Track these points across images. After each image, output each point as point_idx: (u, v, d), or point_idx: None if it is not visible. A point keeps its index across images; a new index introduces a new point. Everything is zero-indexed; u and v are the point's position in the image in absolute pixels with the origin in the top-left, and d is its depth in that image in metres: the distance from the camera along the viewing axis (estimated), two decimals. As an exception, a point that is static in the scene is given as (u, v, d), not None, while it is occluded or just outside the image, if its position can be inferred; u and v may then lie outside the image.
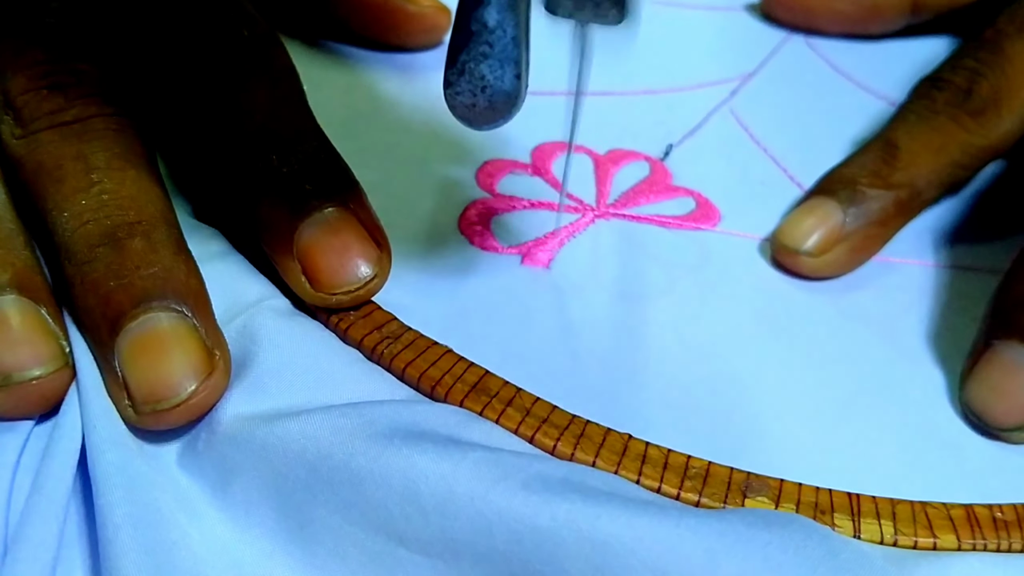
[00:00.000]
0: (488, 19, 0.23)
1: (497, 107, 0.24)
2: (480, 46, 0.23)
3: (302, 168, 0.27)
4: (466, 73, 0.23)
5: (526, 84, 0.24)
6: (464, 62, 0.23)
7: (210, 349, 0.24)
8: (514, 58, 0.23)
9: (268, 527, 0.24)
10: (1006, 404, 0.28)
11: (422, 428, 0.24)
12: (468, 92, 0.23)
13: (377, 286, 0.27)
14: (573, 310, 0.30)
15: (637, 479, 0.24)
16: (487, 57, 0.23)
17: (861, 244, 0.32)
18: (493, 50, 0.23)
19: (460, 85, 0.23)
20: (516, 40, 0.23)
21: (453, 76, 0.23)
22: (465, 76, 0.23)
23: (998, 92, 0.33)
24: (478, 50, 0.23)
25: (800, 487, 0.25)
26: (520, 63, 0.23)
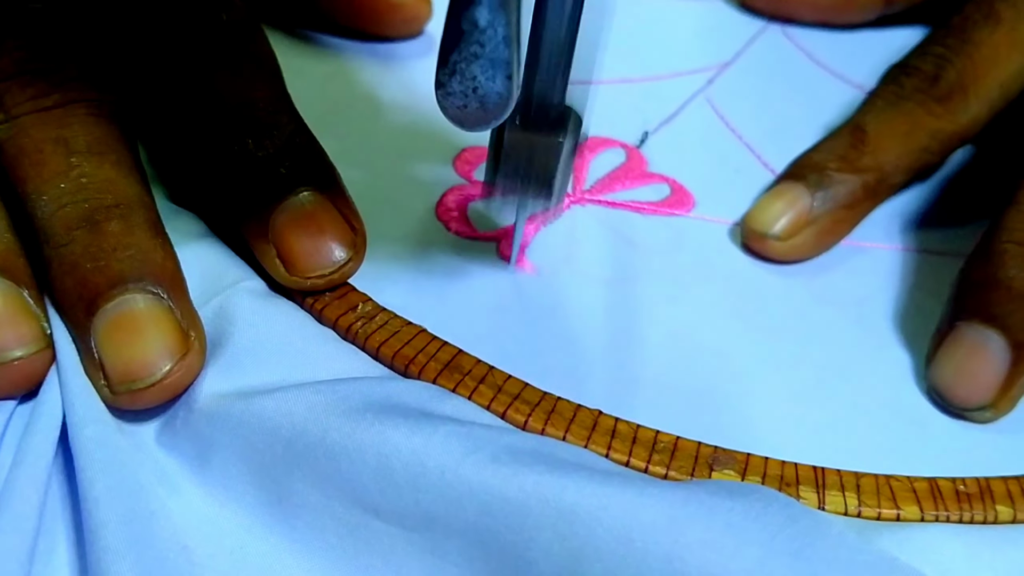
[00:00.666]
0: (479, 19, 0.23)
1: (488, 108, 0.24)
2: (471, 46, 0.23)
3: (278, 152, 0.28)
4: (457, 73, 0.23)
5: (518, 85, 0.24)
6: (455, 62, 0.23)
7: (185, 330, 0.25)
8: (505, 58, 0.23)
9: (247, 501, 0.24)
10: (969, 384, 0.28)
11: (395, 403, 0.24)
12: (459, 93, 0.23)
13: (352, 269, 0.27)
14: (547, 293, 0.31)
15: (606, 453, 0.25)
16: (478, 57, 0.23)
17: (829, 228, 0.32)
18: (484, 50, 0.23)
19: (451, 86, 0.23)
20: (507, 40, 0.23)
21: (444, 76, 0.23)
22: (456, 76, 0.23)
23: (964, 78, 0.33)
24: (469, 50, 0.23)
25: (766, 460, 0.25)
26: (511, 63, 0.23)
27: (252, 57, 0.30)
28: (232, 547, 0.24)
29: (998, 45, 0.34)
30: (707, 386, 0.28)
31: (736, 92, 0.41)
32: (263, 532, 0.24)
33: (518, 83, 0.24)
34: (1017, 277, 0.28)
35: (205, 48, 0.30)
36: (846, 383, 0.29)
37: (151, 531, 0.23)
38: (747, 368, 0.29)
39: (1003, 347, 0.28)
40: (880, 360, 0.30)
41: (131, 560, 0.22)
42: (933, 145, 0.33)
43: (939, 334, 0.29)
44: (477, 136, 0.36)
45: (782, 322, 0.31)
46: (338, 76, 0.38)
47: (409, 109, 0.37)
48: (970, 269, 0.29)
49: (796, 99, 0.41)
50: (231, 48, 0.30)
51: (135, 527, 0.23)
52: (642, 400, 0.28)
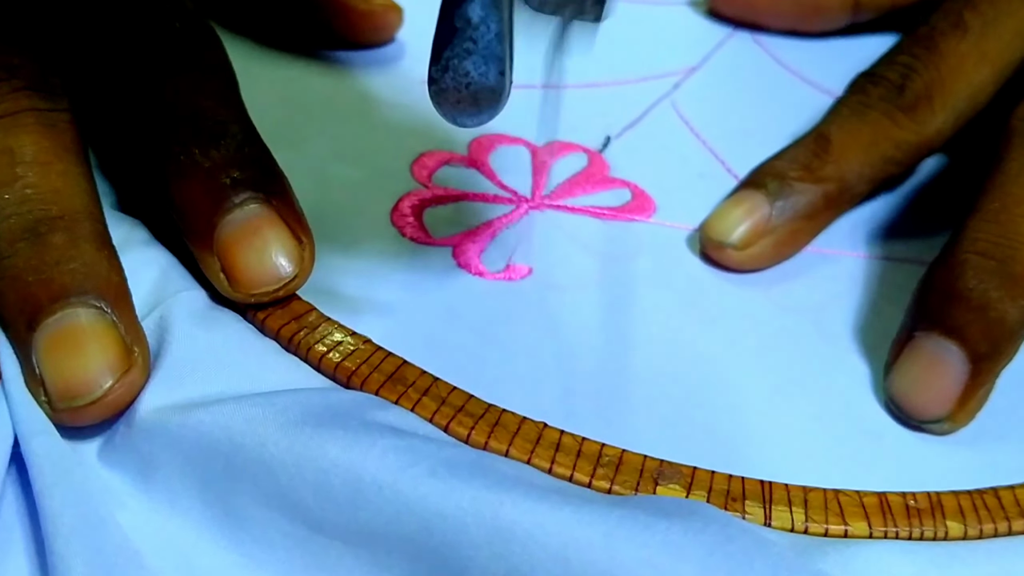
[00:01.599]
0: (472, 15, 0.23)
1: (481, 103, 0.24)
2: (464, 42, 0.23)
3: (224, 161, 0.27)
4: (450, 69, 0.23)
5: (510, 80, 0.24)
6: (448, 58, 0.23)
7: (128, 346, 0.24)
8: (498, 54, 0.23)
9: (193, 516, 0.24)
10: (926, 396, 0.28)
11: (334, 414, 0.24)
12: (452, 88, 0.23)
13: (298, 284, 0.27)
14: (502, 301, 0.30)
15: (550, 467, 0.24)
16: (471, 53, 0.23)
17: (787, 238, 0.32)
18: (477, 46, 0.23)
19: (444, 81, 0.23)
20: (500, 36, 0.23)
21: (437, 72, 0.23)
22: (449, 72, 0.23)
23: (930, 88, 0.33)
24: (462, 46, 0.23)
25: (712, 475, 0.25)
26: (504, 59, 0.23)
27: (204, 65, 0.30)
28: (180, 560, 0.24)
29: (965, 55, 0.33)
30: (659, 395, 0.28)
31: (702, 97, 0.40)
32: (211, 547, 0.24)
33: (511, 78, 0.24)
34: (977, 288, 0.27)
35: (156, 55, 0.29)
36: (802, 393, 0.29)
37: (103, 538, 0.22)
38: (702, 378, 0.29)
39: (961, 359, 0.27)
40: (838, 370, 0.30)
41: (81, 568, 0.21)
42: (897, 155, 0.33)
43: (898, 344, 0.29)
44: (436, 140, 0.36)
45: (739, 331, 0.30)
46: (295, 82, 0.37)
47: (367, 113, 0.37)
48: (930, 279, 0.29)
49: (764, 104, 0.41)
50: (183, 55, 0.30)
51: (86, 535, 0.22)
52: (591, 408, 0.27)
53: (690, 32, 0.44)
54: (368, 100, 0.37)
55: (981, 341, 0.27)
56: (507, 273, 0.31)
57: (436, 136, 0.36)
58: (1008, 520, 0.25)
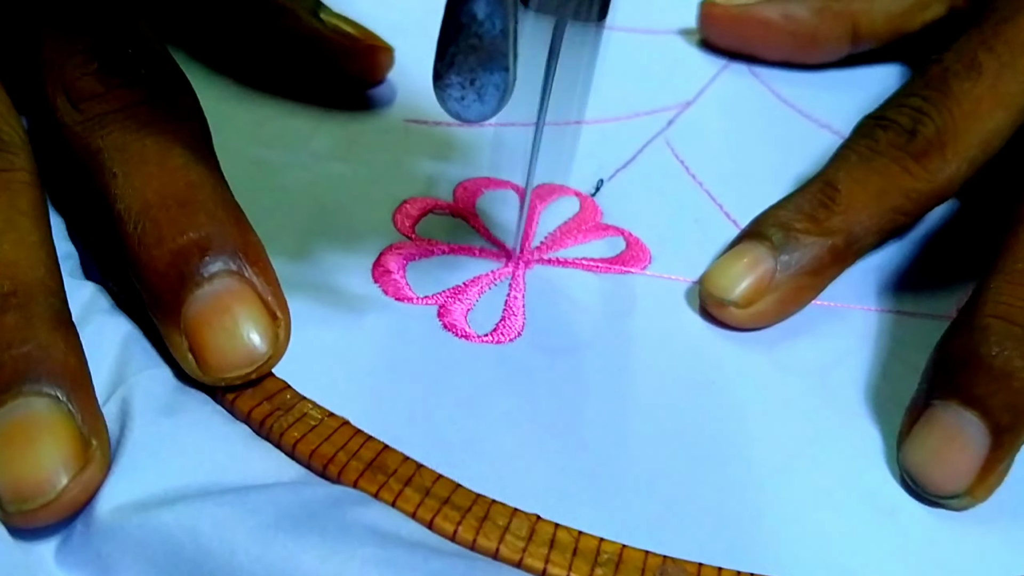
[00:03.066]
0: (477, 12, 0.23)
1: (486, 100, 0.24)
2: (469, 39, 0.23)
3: (192, 228, 0.25)
4: (455, 65, 0.23)
5: (514, 77, 0.24)
6: (453, 54, 0.23)
7: (86, 438, 0.22)
8: (503, 50, 0.23)
9: None
10: (944, 470, 0.26)
11: (311, 513, 0.22)
12: (457, 85, 0.24)
13: (271, 365, 0.25)
14: (488, 367, 0.28)
15: (543, 567, 0.22)
16: (476, 49, 0.23)
17: (791, 295, 0.30)
18: (482, 42, 0.23)
19: (449, 78, 0.24)
20: (505, 32, 0.23)
21: (442, 69, 0.24)
22: (454, 68, 0.23)
23: (944, 134, 0.31)
24: (467, 43, 0.23)
25: (720, 571, 0.23)
26: (508, 55, 0.23)
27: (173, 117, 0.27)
28: None
29: (980, 99, 0.31)
30: (658, 472, 0.26)
31: (697, 133, 0.38)
32: None
33: (515, 74, 0.24)
34: (999, 355, 0.26)
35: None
36: (811, 466, 0.27)
37: None
38: (704, 451, 0.27)
39: (982, 431, 0.26)
40: (848, 439, 0.28)
41: None
42: (907, 205, 0.31)
43: (913, 412, 0.27)
44: (418, 186, 0.34)
45: (743, 397, 0.29)
46: (271, 122, 0.35)
47: (347, 158, 0.35)
48: (949, 344, 0.27)
49: (761, 141, 0.39)
50: (149, 108, 0.27)
51: None
52: (586, 488, 0.25)
53: (683, 64, 0.42)
54: (349, 142, 0.35)
55: (1004, 412, 0.26)
56: (495, 335, 0.29)
57: (419, 180, 0.34)
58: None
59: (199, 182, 0.26)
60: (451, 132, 0.36)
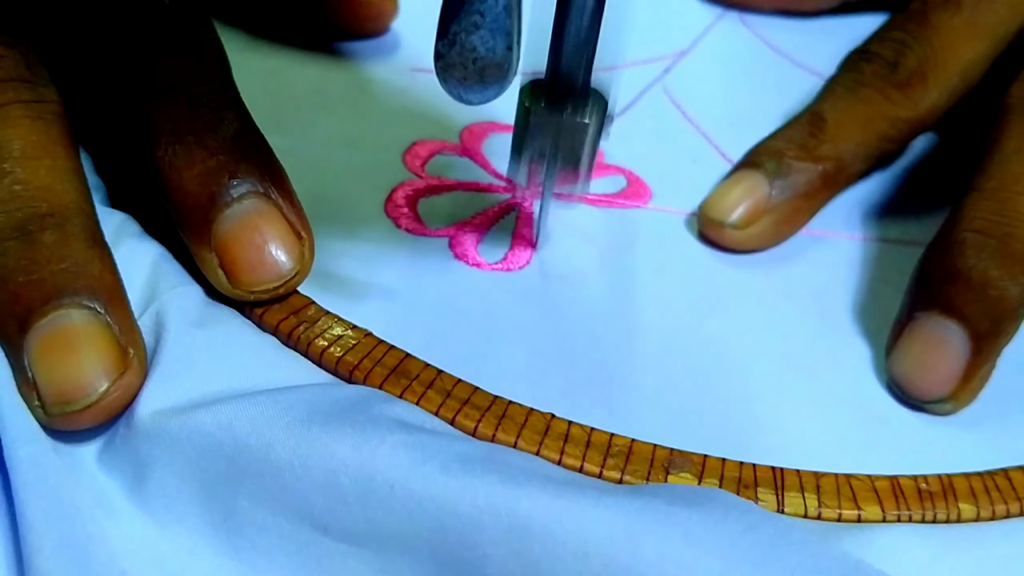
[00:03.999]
0: None
1: (488, 79, 0.23)
2: (472, 16, 0.23)
3: (221, 151, 0.26)
4: (457, 44, 0.23)
5: (518, 56, 0.24)
6: (455, 32, 0.23)
7: (124, 347, 0.24)
8: (506, 28, 0.23)
9: (190, 522, 0.23)
10: (929, 377, 0.28)
11: (341, 410, 0.23)
12: (459, 64, 0.23)
13: (298, 281, 0.26)
14: (499, 292, 0.30)
15: (559, 458, 0.24)
16: (479, 27, 0.23)
17: (786, 217, 0.32)
18: (485, 20, 0.23)
19: (451, 56, 0.23)
20: (508, 9, 0.23)
21: (444, 47, 0.23)
22: (456, 47, 0.23)
23: (924, 64, 0.33)
24: (470, 20, 0.23)
25: (724, 462, 0.25)
26: (512, 34, 0.23)
27: (196, 46, 0.29)
28: (174, 570, 0.23)
29: (958, 31, 0.33)
30: (664, 383, 0.28)
31: (693, 81, 0.40)
32: (207, 553, 0.23)
33: (518, 54, 0.24)
34: (976, 267, 0.27)
35: (144, 35, 0.28)
36: (807, 378, 0.29)
37: (88, 556, 0.22)
38: (707, 364, 0.28)
39: (962, 338, 0.27)
40: (840, 353, 0.30)
41: None
42: (892, 132, 0.33)
43: (898, 325, 0.29)
44: (427, 129, 0.35)
45: (740, 315, 0.30)
46: (283, 72, 0.37)
47: (357, 104, 0.36)
48: (929, 259, 0.29)
49: (754, 87, 0.40)
50: (173, 36, 0.28)
51: (70, 552, 0.21)
52: (596, 399, 0.27)
53: (678, 15, 0.43)
54: (358, 90, 0.36)
55: (982, 320, 0.27)
56: (505, 263, 0.31)
57: (428, 125, 0.35)
58: (1020, 500, 0.25)
59: (224, 108, 0.27)
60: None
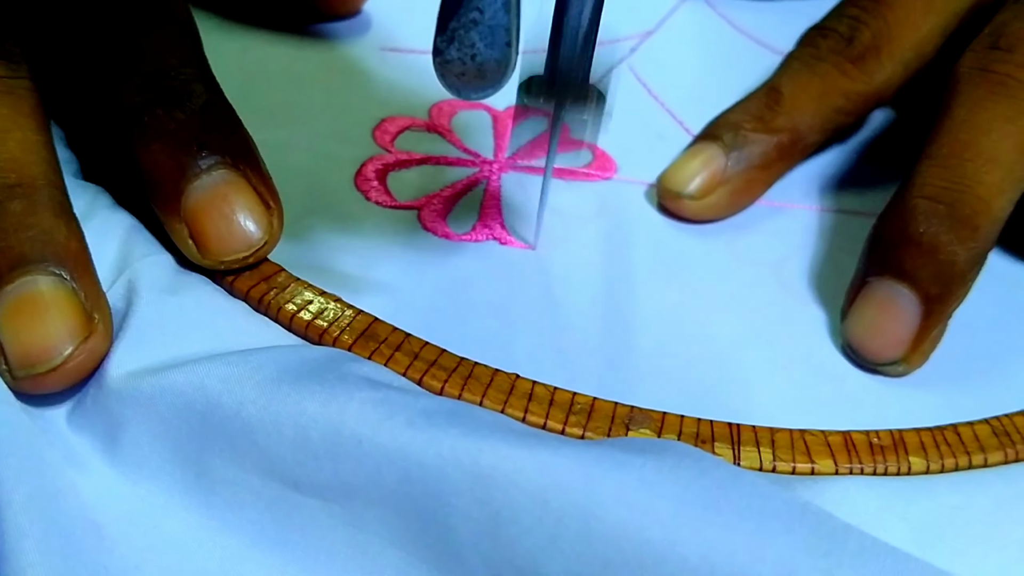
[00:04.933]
0: None
1: (487, 75, 0.24)
2: (471, 12, 0.23)
3: (191, 123, 0.27)
4: (456, 40, 0.23)
5: (516, 52, 0.24)
6: (454, 29, 0.23)
7: (89, 312, 0.24)
8: (505, 25, 0.23)
9: (162, 479, 0.24)
10: (881, 339, 0.29)
11: (310, 369, 0.24)
12: (458, 60, 0.23)
13: (267, 250, 0.27)
14: (468, 262, 0.30)
15: (523, 416, 0.25)
16: (477, 24, 0.23)
17: (743, 187, 0.33)
18: (483, 16, 0.23)
19: (450, 53, 0.23)
20: (507, 6, 0.23)
21: (443, 44, 0.23)
22: (455, 43, 0.23)
23: (878, 39, 0.34)
24: (468, 16, 0.23)
25: (682, 419, 0.25)
26: (511, 30, 0.23)
27: (167, 18, 0.29)
28: (147, 526, 0.23)
29: (912, 6, 0.34)
30: (626, 346, 0.29)
31: (659, 60, 0.41)
32: (179, 510, 0.24)
33: (517, 50, 0.24)
34: (927, 232, 0.28)
35: (115, 9, 0.29)
36: (765, 341, 0.29)
37: (57, 509, 0.22)
38: (666, 329, 0.29)
39: (914, 302, 0.28)
40: (798, 318, 0.31)
41: (35, 538, 0.21)
42: (847, 106, 0.34)
43: (852, 290, 0.30)
44: (396, 107, 0.36)
45: (702, 283, 0.31)
46: (252, 51, 0.37)
47: (328, 82, 0.36)
48: (881, 225, 0.30)
49: (718, 66, 0.41)
50: (143, 7, 0.29)
51: (41, 506, 0.22)
52: (560, 362, 0.28)
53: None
54: (329, 68, 0.37)
55: (932, 284, 0.28)
56: (473, 234, 0.31)
57: (396, 102, 0.36)
58: (968, 454, 0.26)
59: (194, 79, 0.28)
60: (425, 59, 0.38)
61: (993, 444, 0.26)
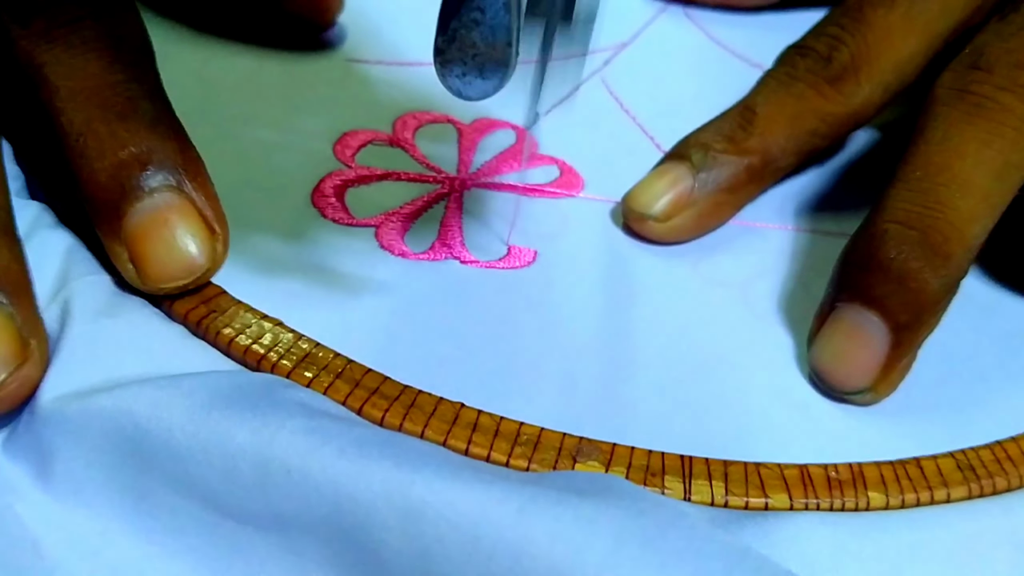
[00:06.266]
0: None
1: (488, 75, 0.23)
2: (472, 12, 0.23)
3: (133, 144, 0.26)
4: (457, 40, 0.23)
5: (517, 52, 0.24)
6: (455, 29, 0.23)
7: (24, 339, 0.23)
8: (506, 24, 0.23)
9: (100, 506, 0.23)
10: (848, 367, 0.28)
11: (243, 395, 0.23)
12: (459, 60, 0.23)
13: (209, 276, 0.26)
14: (425, 282, 0.30)
15: (466, 447, 0.24)
16: (479, 24, 0.23)
17: (710, 210, 0.32)
18: (484, 16, 0.23)
19: (451, 52, 0.23)
20: (507, 6, 0.23)
21: (444, 43, 0.23)
22: (456, 43, 0.23)
23: (858, 59, 0.33)
24: (469, 16, 0.23)
25: (632, 450, 0.24)
26: (511, 30, 0.23)
27: (115, 33, 0.28)
28: (87, 552, 0.23)
29: (892, 26, 0.33)
30: (583, 371, 0.28)
31: (633, 73, 0.40)
32: (120, 537, 0.23)
33: (517, 49, 0.24)
34: (897, 258, 0.27)
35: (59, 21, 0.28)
36: (727, 366, 0.29)
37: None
38: (626, 353, 0.28)
39: (882, 329, 0.27)
40: (764, 343, 0.30)
41: None
42: (823, 128, 0.33)
43: (820, 315, 0.29)
44: (358, 119, 0.35)
45: (666, 304, 0.30)
46: (214, 61, 0.36)
47: (289, 94, 0.36)
48: (851, 249, 0.29)
49: (695, 80, 0.40)
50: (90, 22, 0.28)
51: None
52: (513, 388, 0.27)
53: (621, 7, 0.43)
54: (291, 79, 0.36)
55: (902, 312, 0.27)
56: (431, 253, 0.31)
57: (359, 115, 0.35)
58: (930, 490, 0.25)
59: (141, 97, 0.27)
60: (390, 71, 0.38)
61: (957, 479, 0.25)
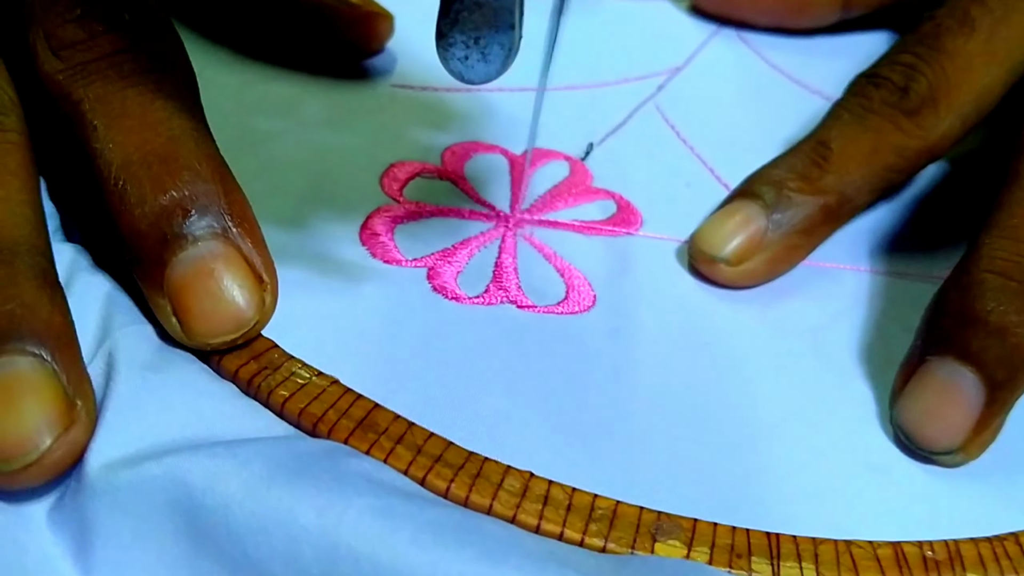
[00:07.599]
0: None
1: (491, 59, 0.23)
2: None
3: (175, 188, 0.24)
4: (460, 23, 0.23)
5: (520, 35, 0.23)
6: (458, 11, 0.23)
7: (71, 399, 0.22)
8: (508, 7, 0.23)
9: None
10: (938, 425, 0.26)
11: (304, 465, 0.21)
12: (461, 43, 0.23)
13: (258, 329, 0.25)
14: (479, 329, 0.28)
15: (537, 523, 0.22)
16: (481, 6, 0.22)
17: (783, 254, 0.30)
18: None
19: (453, 36, 0.23)
20: None
21: (446, 26, 0.23)
22: (459, 26, 0.23)
23: (936, 90, 0.31)
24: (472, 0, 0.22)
25: (715, 527, 0.23)
26: (515, 13, 0.23)
27: (155, 68, 0.26)
28: None
29: (972, 55, 0.31)
30: (652, 431, 0.26)
31: (688, 99, 0.38)
32: None
33: (520, 33, 0.23)
34: (995, 310, 0.26)
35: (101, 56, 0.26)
36: (805, 425, 0.27)
37: None
38: (697, 411, 0.27)
39: (977, 386, 0.26)
40: (841, 397, 0.28)
41: None
42: (900, 163, 0.31)
43: (907, 368, 0.27)
44: (406, 150, 0.33)
45: (735, 356, 0.28)
46: (254, 87, 0.35)
47: (332, 123, 0.34)
48: (944, 299, 0.27)
49: (751, 106, 0.38)
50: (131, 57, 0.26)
51: None
52: (580, 448, 0.25)
53: (672, 31, 0.41)
54: (335, 107, 0.35)
55: (999, 368, 0.25)
56: (486, 297, 0.29)
57: (407, 145, 0.34)
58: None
59: (182, 136, 0.25)
60: (438, 97, 0.36)
61: (1060, 557, 0.23)
